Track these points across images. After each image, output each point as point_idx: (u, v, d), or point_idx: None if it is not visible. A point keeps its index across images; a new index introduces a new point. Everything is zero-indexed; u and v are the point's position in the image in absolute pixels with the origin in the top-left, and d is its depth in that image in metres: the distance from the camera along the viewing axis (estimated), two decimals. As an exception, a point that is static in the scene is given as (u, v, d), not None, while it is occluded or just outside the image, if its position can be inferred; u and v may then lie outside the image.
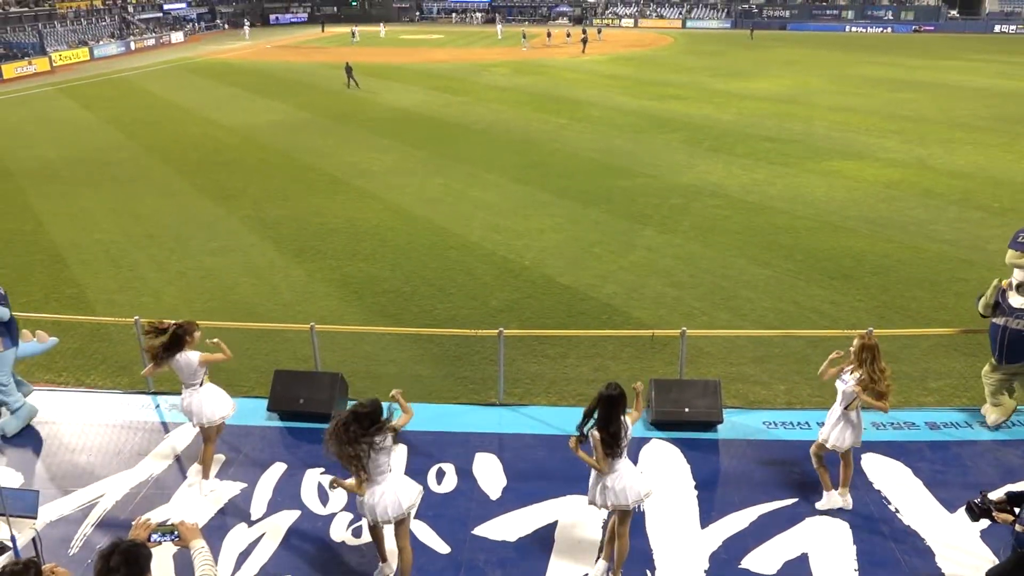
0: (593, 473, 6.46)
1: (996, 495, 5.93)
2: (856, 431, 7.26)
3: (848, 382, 7.11)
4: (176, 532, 4.46)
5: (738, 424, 8.96)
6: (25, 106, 34.03)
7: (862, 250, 14.53)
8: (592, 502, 6.54)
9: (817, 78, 35.95)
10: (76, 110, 32.20)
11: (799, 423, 8.98)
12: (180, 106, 32.18)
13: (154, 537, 4.35)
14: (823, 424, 7.45)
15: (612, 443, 6.19)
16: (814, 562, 6.88)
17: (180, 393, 8.26)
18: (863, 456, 8.22)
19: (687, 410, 8.80)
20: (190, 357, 7.67)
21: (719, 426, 8.82)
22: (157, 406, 9.63)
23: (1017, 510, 5.76)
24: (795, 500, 7.64)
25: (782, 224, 16.08)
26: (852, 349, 7.18)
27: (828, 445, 7.31)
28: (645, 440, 8.62)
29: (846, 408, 7.16)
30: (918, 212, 16.68)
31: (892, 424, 8.88)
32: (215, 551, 7.12)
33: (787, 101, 30.18)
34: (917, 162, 20.72)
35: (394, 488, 6.31)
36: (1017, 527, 5.74)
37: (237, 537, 7.33)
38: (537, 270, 13.89)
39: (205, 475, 7.97)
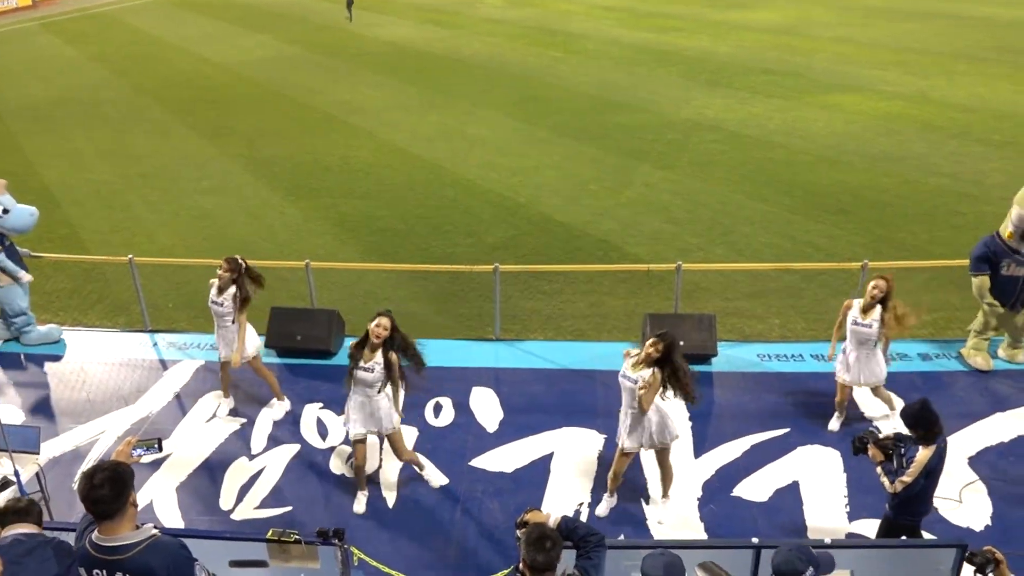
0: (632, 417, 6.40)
1: (885, 433, 5.82)
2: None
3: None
4: (158, 445, 4.58)
5: (732, 357, 9.04)
6: (8, 43, 33.27)
7: (859, 184, 14.43)
8: (641, 445, 6.48)
9: (819, 7, 35.10)
10: (60, 47, 31.50)
11: (793, 355, 9.07)
12: (167, 42, 31.47)
13: (137, 452, 4.46)
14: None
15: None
16: (804, 489, 7.02)
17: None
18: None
19: (682, 343, 8.79)
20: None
21: (713, 359, 8.90)
22: (155, 344, 9.68)
23: (895, 460, 5.60)
24: (787, 430, 7.76)
25: (780, 159, 15.92)
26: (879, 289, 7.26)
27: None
28: (640, 374, 8.69)
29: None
30: (917, 146, 16.50)
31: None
32: (217, 484, 7.26)
33: (787, 32, 29.55)
34: (918, 95, 20.42)
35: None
36: (881, 476, 5.61)
37: (238, 471, 7.46)
38: (533, 207, 13.81)
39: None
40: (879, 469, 5.66)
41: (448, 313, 10.34)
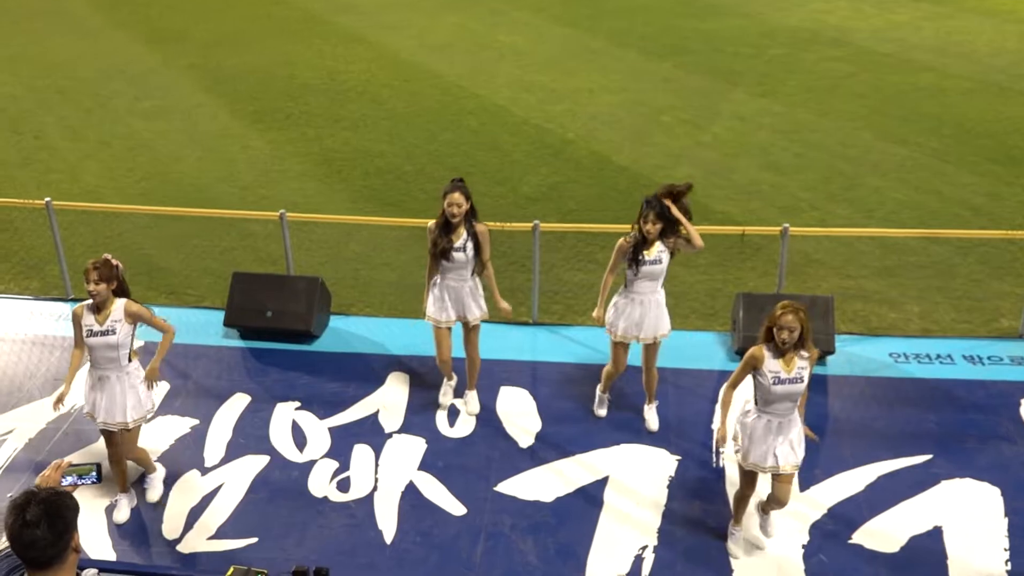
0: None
1: None
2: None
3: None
4: (96, 473, 4.49)
5: (855, 355, 8.99)
6: None
7: (1037, 123, 14.24)
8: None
9: None
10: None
11: (938, 356, 8.99)
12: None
13: (68, 480, 4.34)
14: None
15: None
16: (949, 538, 6.97)
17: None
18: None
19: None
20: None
21: (829, 357, 8.85)
22: (78, 318, 9.82)
23: None
24: (928, 457, 7.70)
25: (927, 85, 15.73)
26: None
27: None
28: (727, 374, 8.66)
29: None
30: (1119, 70, 16.21)
31: (1064, 359, 8.88)
32: (160, 506, 7.37)
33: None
34: (1122, -1, 19.99)
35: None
36: None
37: (187, 489, 7.55)
38: (585, 145, 13.78)
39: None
40: None
41: (468, 286, 10.35)
